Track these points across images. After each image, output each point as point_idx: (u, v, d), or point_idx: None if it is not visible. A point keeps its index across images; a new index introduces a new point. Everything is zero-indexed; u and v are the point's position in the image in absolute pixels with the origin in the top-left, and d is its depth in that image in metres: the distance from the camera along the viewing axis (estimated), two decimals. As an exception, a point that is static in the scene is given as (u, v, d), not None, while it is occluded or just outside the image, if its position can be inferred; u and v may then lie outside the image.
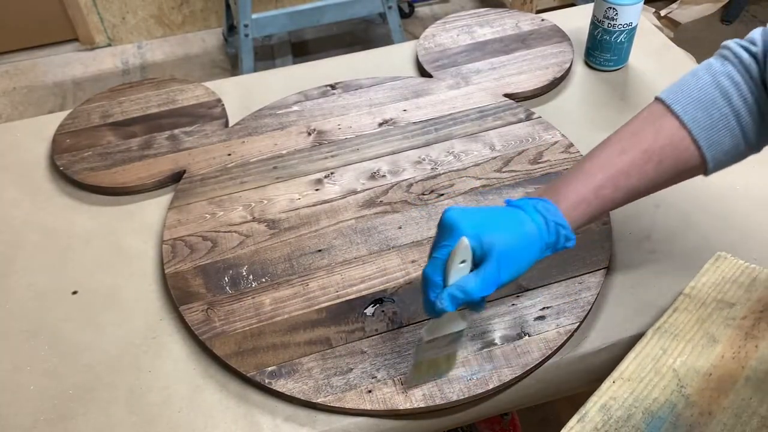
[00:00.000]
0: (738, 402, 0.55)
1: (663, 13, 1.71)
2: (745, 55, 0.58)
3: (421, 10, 2.55)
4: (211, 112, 0.94)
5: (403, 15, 2.47)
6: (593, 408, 0.56)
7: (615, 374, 0.58)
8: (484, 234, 0.55)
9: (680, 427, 0.54)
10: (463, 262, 0.55)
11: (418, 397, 0.62)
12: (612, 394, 0.56)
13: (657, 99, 0.61)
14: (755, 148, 0.60)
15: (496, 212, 0.58)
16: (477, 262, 0.55)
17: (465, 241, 0.54)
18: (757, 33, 0.59)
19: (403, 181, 0.83)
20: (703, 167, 0.60)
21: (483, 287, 0.54)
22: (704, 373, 0.57)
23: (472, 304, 0.56)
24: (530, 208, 0.57)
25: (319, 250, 0.75)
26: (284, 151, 0.88)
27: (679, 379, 0.57)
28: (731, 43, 0.61)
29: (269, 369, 0.64)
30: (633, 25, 0.94)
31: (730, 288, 0.64)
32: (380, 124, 0.91)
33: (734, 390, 0.55)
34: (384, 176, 0.84)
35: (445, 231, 0.56)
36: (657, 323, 0.62)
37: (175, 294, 0.71)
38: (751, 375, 0.56)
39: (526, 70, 0.98)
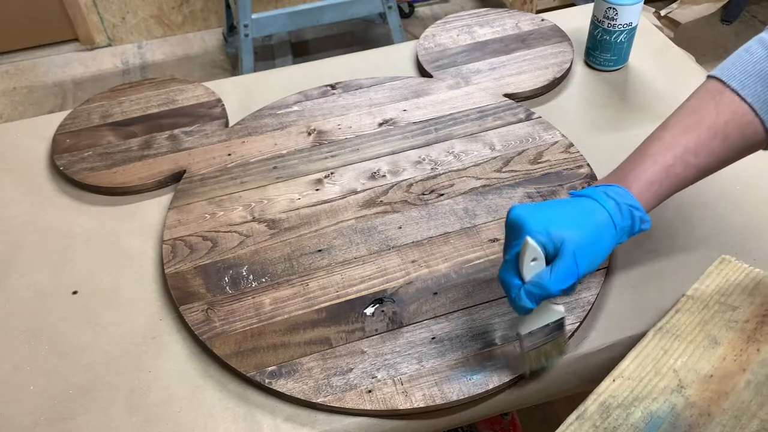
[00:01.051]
0: (738, 404, 0.55)
1: (663, 13, 1.71)
2: None
3: (421, 10, 2.55)
4: (211, 112, 0.94)
5: (403, 15, 2.47)
6: (592, 405, 0.56)
7: (615, 373, 0.58)
8: (552, 229, 0.54)
9: (679, 427, 0.54)
10: (534, 260, 0.55)
11: (418, 397, 0.62)
12: (611, 393, 0.56)
13: (711, 77, 0.60)
14: None
15: (562, 205, 0.58)
16: (550, 258, 0.55)
17: (530, 241, 0.54)
18: None
19: (403, 181, 0.83)
20: (767, 140, 0.59)
21: (558, 281, 0.54)
22: (705, 374, 0.57)
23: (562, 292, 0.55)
24: (599, 194, 0.57)
25: (319, 250, 0.75)
26: (284, 151, 0.88)
27: (680, 380, 0.57)
28: None
29: (269, 369, 0.64)
30: (633, 25, 0.94)
31: (734, 291, 0.64)
32: (380, 124, 0.91)
33: (734, 392, 0.55)
34: (384, 176, 0.84)
35: (513, 230, 0.56)
36: (659, 323, 0.62)
37: (175, 294, 0.71)
38: (752, 378, 0.56)
39: (526, 70, 0.98)
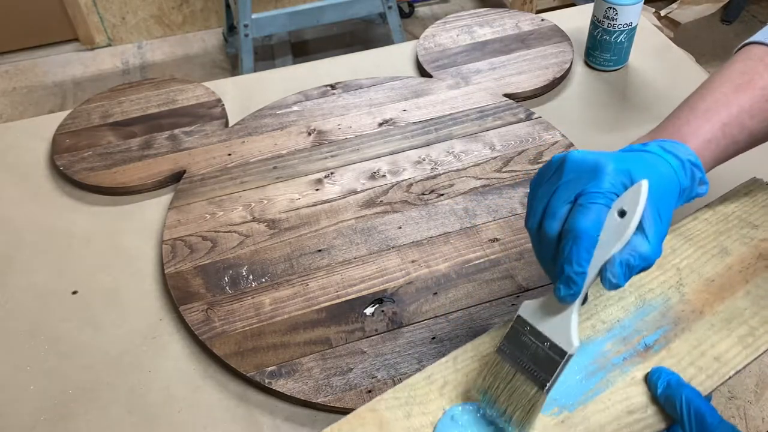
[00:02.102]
0: (732, 309, 0.54)
1: (663, 13, 1.71)
2: None
3: (421, 10, 2.55)
4: (211, 112, 0.94)
5: (403, 15, 2.47)
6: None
7: None
8: (634, 170, 0.43)
9: (667, 317, 0.54)
10: (622, 215, 0.41)
11: (418, 397, 0.62)
12: None
13: (752, 43, 0.56)
14: None
15: (624, 153, 0.48)
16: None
17: (645, 186, 0.41)
18: None
19: (403, 181, 0.83)
20: None
21: (658, 247, 0.43)
22: (707, 278, 0.56)
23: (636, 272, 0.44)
24: (656, 148, 0.48)
25: (319, 250, 0.75)
26: (284, 151, 0.88)
27: (680, 278, 0.56)
28: None
29: (269, 369, 0.64)
30: (633, 25, 0.94)
31: (758, 211, 0.62)
32: (380, 124, 0.91)
33: (732, 299, 0.55)
34: (384, 176, 0.84)
35: (583, 172, 0.43)
36: (673, 226, 0.59)
37: (175, 294, 0.71)
38: (752, 290, 0.56)
39: (526, 70, 0.98)
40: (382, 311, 0.69)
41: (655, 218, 0.43)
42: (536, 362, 0.44)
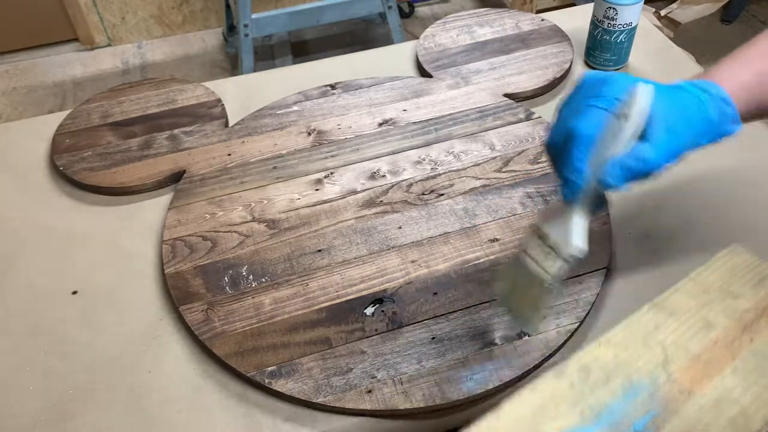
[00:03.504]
0: (721, 389, 0.54)
1: (663, 13, 1.71)
2: None
3: (421, 10, 2.55)
4: (211, 112, 0.94)
5: (403, 15, 2.47)
6: (573, 366, 0.55)
7: (602, 339, 0.56)
8: (644, 82, 0.45)
9: (656, 399, 0.53)
10: (623, 118, 0.41)
11: (418, 397, 0.62)
12: (595, 356, 0.56)
13: None
14: None
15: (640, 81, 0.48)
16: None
17: (647, 91, 0.41)
18: None
19: (403, 181, 0.83)
20: None
21: (662, 154, 0.44)
22: (693, 354, 0.56)
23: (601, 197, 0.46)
24: (687, 84, 0.49)
25: (319, 250, 0.75)
26: (284, 151, 0.88)
27: (667, 355, 0.56)
28: None
29: (269, 369, 0.64)
30: (633, 25, 0.94)
31: (738, 281, 0.62)
32: (380, 124, 0.91)
33: (720, 377, 0.55)
34: (384, 176, 0.84)
35: (592, 86, 0.45)
36: (656, 299, 0.61)
37: (175, 294, 0.71)
38: (740, 366, 0.56)
39: (526, 70, 0.98)
40: (382, 311, 0.69)
41: (661, 128, 0.44)
42: (544, 262, 0.47)
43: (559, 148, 0.46)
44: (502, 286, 0.53)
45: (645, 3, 0.95)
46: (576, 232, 0.45)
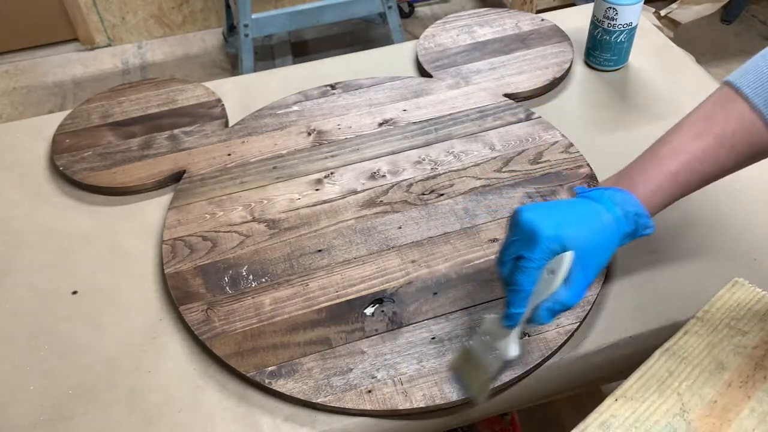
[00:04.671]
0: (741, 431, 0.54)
1: (663, 13, 1.71)
2: None
3: (421, 10, 2.55)
4: (211, 112, 0.94)
5: (403, 15, 2.47)
6: (593, 424, 0.55)
7: (618, 392, 0.57)
8: (565, 236, 0.55)
9: None
10: (551, 272, 0.55)
11: (418, 397, 0.62)
12: (613, 412, 0.56)
13: (726, 83, 0.60)
14: None
15: (571, 207, 0.58)
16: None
17: (569, 257, 0.54)
18: None
19: (403, 181, 0.83)
20: None
21: (577, 295, 0.56)
22: (709, 399, 0.57)
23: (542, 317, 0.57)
24: (607, 200, 0.58)
25: (319, 250, 0.75)
26: (284, 151, 0.88)
27: (683, 404, 0.56)
28: None
29: (269, 369, 0.64)
30: (633, 25, 0.94)
31: (744, 316, 0.63)
32: (380, 124, 0.91)
33: (738, 420, 0.55)
34: (384, 176, 0.84)
35: (524, 237, 0.55)
36: (666, 344, 0.61)
37: (175, 294, 0.71)
38: (756, 406, 0.56)
39: (526, 70, 0.98)
40: (382, 311, 0.69)
41: (579, 272, 0.55)
42: (488, 359, 0.59)
43: (504, 279, 0.58)
44: (456, 364, 0.63)
45: (645, 3, 0.96)
46: (513, 344, 0.57)
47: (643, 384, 0.58)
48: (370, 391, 0.62)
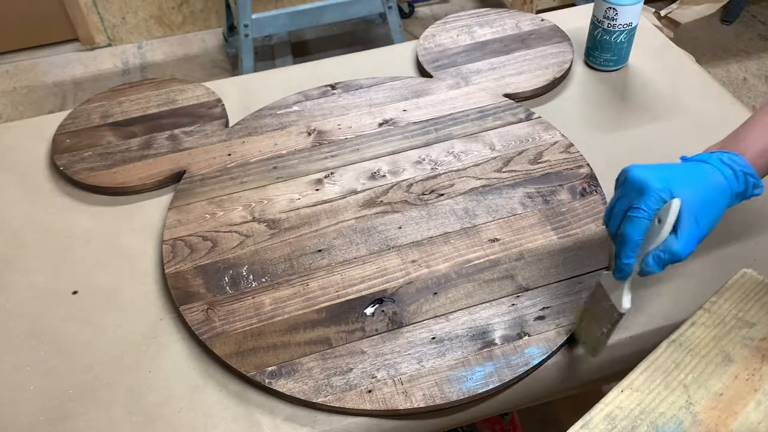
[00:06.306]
0: (746, 425, 0.54)
1: (663, 13, 1.71)
2: None
3: (421, 10, 2.55)
4: (211, 112, 0.94)
5: (403, 15, 2.47)
6: (598, 415, 0.55)
7: (624, 383, 0.57)
8: (675, 189, 0.56)
9: None
10: (659, 221, 0.56)
11: (418, 397, 0.62)
12: (618, 404, 0.56)
13: None
14: None
15: (681, 167, 0.60)
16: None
17: (677, 203, 0.55)
18: None
19: (403, 181, 0.83)
20: None
21: (687, 245, 0.56)
22: (715, 392, 0.56)
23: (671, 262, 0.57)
24: (716, 160, 0.59)
25: (319, 250, 0.75)
26: (284, 151, 0.88)
27: (689, 396, 0.56)
28: None
29: (269, 369, 0.64)
30: (633, 25, 0.94)
31: (752, 307, 0.63)
32: (380, 124, 0.91)
33: (744, 413, 0.55)
34: (384, 176, 0.84)
35: (633, 190, 0.57)
36: (672, 335, 0.61)
37: (175, 294, 0.71)
38: (762, 399, 0.56)
39: (526, 70, 0.98)
40: (382, 311, 0.69)
41: (690, 222, 0.56)
42: (603, 314, 0.60)
43: (613, 235, 0.59)
44: (574, 324, 0.66)
45: (645, 3, 0.96)
46: (626, 297, 0.59)
47: (648, 376, 0.58)
48: (370, 391, 0.62)
